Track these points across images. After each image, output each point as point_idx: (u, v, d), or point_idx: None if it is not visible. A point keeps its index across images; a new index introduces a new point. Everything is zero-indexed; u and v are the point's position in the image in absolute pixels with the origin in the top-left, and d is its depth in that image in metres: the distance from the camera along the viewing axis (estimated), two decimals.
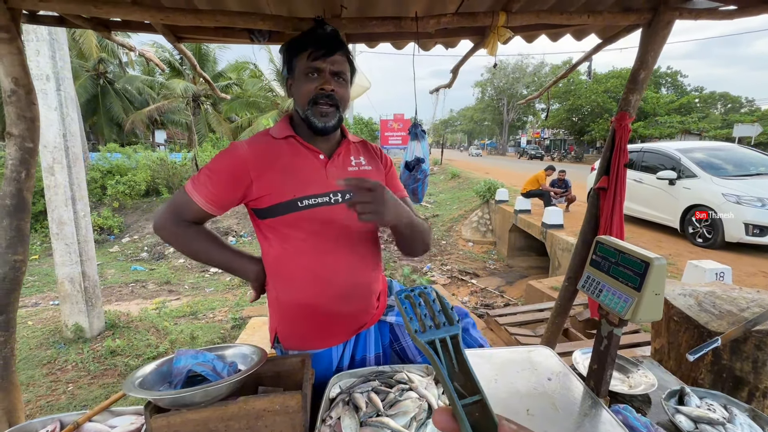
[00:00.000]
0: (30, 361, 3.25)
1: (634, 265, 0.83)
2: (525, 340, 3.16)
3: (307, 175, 1.03)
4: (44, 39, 3.15)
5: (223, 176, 1.00)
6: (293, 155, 1.04)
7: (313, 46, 0.99)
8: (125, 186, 10.35)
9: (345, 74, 1.03)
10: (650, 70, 1.61)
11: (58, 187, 3.40)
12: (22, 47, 1.33)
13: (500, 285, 7.17)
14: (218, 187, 1.00)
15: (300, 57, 1.01)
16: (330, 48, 0.99)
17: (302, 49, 1.01)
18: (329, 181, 1.04)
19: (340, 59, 1.01)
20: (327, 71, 1.00)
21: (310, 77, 1.00)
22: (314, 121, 1.01)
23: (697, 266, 3.37)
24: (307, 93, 1.00)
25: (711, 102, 31.75)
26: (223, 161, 1.01)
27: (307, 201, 1.00)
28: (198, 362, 0.90)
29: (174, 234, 1.05)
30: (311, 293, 1.05)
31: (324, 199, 1.02)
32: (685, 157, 6.26)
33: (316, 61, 0.99)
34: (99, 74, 19.01)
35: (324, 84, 0.99)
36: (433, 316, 0.42)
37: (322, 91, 0.99)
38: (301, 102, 1.02)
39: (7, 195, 1.34)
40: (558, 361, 1.08)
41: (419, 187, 1.59)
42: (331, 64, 1.00)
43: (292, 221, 1.01)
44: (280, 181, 1.00)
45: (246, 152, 1.01)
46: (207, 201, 1.00)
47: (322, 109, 1.00)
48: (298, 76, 1.02)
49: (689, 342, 1.50)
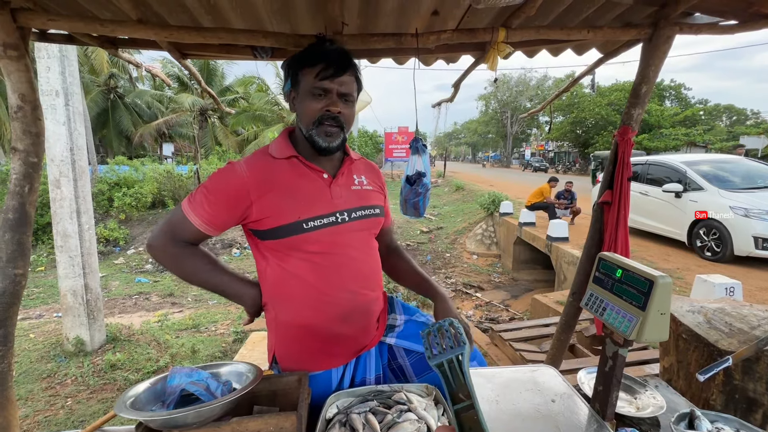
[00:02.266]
0: (30, 375, 3.23)
1: (638, 283, 0.81)
2: (530, 357, 3.10)
3: (312, 196, 1.00)
4: (55, 56, 3.23)
5: (221, 197, 0.97)
6: (296, 176, 1.01)
7: (322, 65, 0.96)
8: (132, 198, 10.46)
9: (352, 95, 1.01)
10: (652, 85, 1.61)
11: (64, 200, 3.43)
12: (30, 64, 1.36)
13: (505, 298, 7.09)
14: (215, 207, 0.97)
15: (306, 73, 0.98)
16: (339, 68, 0.96)
17: (310, 65, 0.97)
18: (334, 201, 1.02)
19: (348, 80, 0.99)
20: (335, 92, 0.97)
21: (317, 97, 0.97)
22: (318, 141, 0.99)
23: (706, 281, 3.30)
24: (313, 113, 0.97)
25: (716, 114, 31.70)
26: (220, 182, 0.98)
27: (313, 222, 0.98)
28: (192, 381, 0.88)
29: (167, 254, 1.00)
30: (311, 314, 1.02)
31: (330, 219, 1.00)
32: (691, 170, 6.22)
33: (324, 81, 0.96)
34: (110, 89, 19.48)
35: (331, 106, 0.97)
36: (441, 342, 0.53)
37: (329, 112, 0.97)
38: (305, 121, 0.99)
39: (10, 209, 1.35)
40: (562, 382, 1.05)
41: (420, 201, 1.58)
42: (339, 85, 0.97)
43: (295, 243, 0.98)
44: (282, 203, 0.97)
45: (245, 173, 0.97)
46: (203, 222, 0.97)
47: (327, 129, 0.98)
48: (304, 93, 0.99)
49: (699, 361, 1.46)
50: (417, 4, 1.39)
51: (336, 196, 1.03)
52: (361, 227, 1.07)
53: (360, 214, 1.06)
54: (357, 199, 1.07)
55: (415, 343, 1.15)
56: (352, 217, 1.04)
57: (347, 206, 1.04)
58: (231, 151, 17.84)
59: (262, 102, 19.23)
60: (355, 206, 1.06)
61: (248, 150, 18.34)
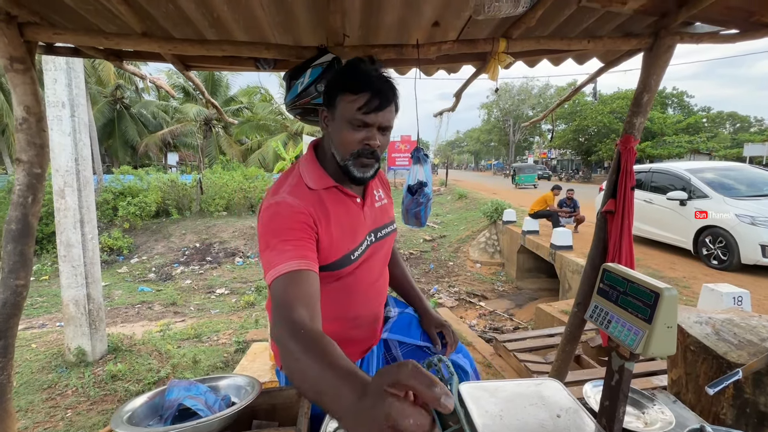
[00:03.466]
0: (31, 386, 3.21)
1: (644, 295, 0.79)
2: (535, 368, 3.05)
3: (353, 226, 1.00)
4: (62, 68, 3.28)
5: (295, 230, 0.86)
6: (337, 205, 0.98)
7: (367, 97, 0.88)
8: (136, 207, 10.53)
9: (391, 126, 0.96)
10: (653, 93, 1.61)
11: (68, 210, 3.45)
12: (35, 77, 1.38)
13: (509, 308, 7.01)
14: (298, 242, 0.84)
15: (348, 100, 0.89)
16: (384, 101, 0.90)
17: (352, 91, 0.89)
18: (366, 222, 1.04)
19: (390, 111, 0.93)
20: (376, 126, 0.91)
21: (357, 128, 0.90)
22: (354, 172, 0.94)
23: (714, 290, 3.25)
24: (351, 144, 0.92)
25: (719, 121, 31.69)
26: (283, 220, 0.87)
27: (357, 252, 1.00)
28: (190, 395, 0.87)
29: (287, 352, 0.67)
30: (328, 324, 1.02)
31: (366, 243, 1.03)
32: (695, 178, 6.18)
33: (367, 116, 0.89)
34: (116, 99, 19.77)
35: (371, 140, 0.91)
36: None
37: (368, 146, 0.92)
38: (342, 150, 0.94)
39: (13, 220, 1.35)
40: (568, 396, 1.03)
41: (422, 210, 1.58)
42: (382, 118, 0.91)
43: (341, 273, 0.98)
44: (337, 237, 0.95)
45: (302, 204, 0.90)
46: (297, 259, 0.81)
47: (364, 161, 0.94)
48: (343, 121, 0.91)
49: (708, 373, 1.42)
50: (418, 15, 1.40)
51: (367, 217, 1.05)
52: (384, 245, 1.11)
53: (384, 233, 1.10)
54: (381, 217, 1.10)
55: (407, 335, 1.20)
56: (378, 237, 1.08)
57: (375, 226, 1.07)
58: (235, 161, 17.98)
59: (265, 111, 19.44)
60: (380, 225, 1.10)
61: (252, 159, 18.48)
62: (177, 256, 9.46)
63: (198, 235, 10.27)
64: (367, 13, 1.39)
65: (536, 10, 1.29)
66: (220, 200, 11.68)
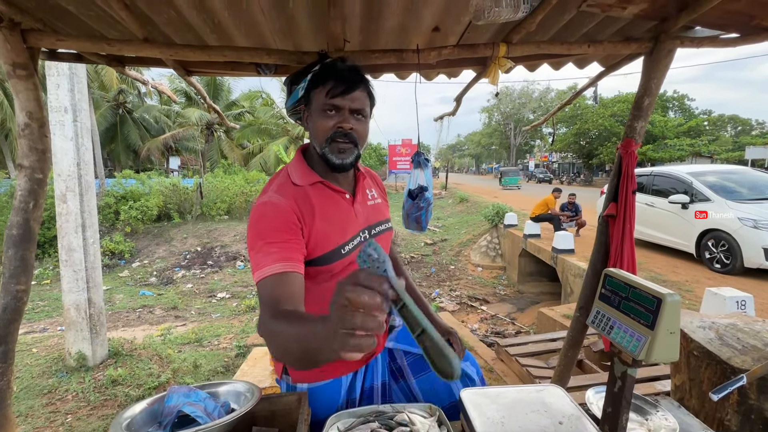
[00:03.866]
0: (31, 391, 3.20)
1: (646, 300, 0.78)
2: (537, 372, 3.03)
3: (343, 220, 1.02)
4: (64, 74, 3.31)
5: (281, 231, 0.89)
6: (325, 200, 1.01)
7: (333, 83, 0.95)
8: (137, 211, 10.55)
9: (365, 111, 1.00)
10: (654, 97, 1.61)
11: (70, 215, 3.47)
12: (38, 83, 1.39)
13: (511, 312, 6.99)
14: (281, 243, 0.88)
15: (318, 91, 0.97)
16: (350, 84, 0.96)
17: (321, 83, 0.97)
18: (358, 219, 1.05)
19: (360, 96, 0.98)
20: (346, 109, 0.96)
21: (328, 114, 0.96)
22: (331, 158, 0.98)
23: (717, 294, 3.23)
24: (325, 130, 0.97)
25: (720, 124, 31.64)
26: (268, 221, 0.91)
27: (348, 246, 1.00)
28: (189, 401, 0.86)
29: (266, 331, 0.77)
30: None
31: (358, 239, 1.03)
32: (697, 181, 6.17)
33: (335, 99, 0.95)
34: (118, 104, 19.89)
35: (343, 122, 0.96)
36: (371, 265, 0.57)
37: (341, 129, 0.96)
38: (318, 138, 0.99)
39: (14, 225, 1.35)
40: (570, 402, 1.02)
41: (422, 215, 1.57)
42: (351, 101, 0.96)
43: (333, 268, 0.99)
44: (324, 231, 0.96)
45: (285, 202, 0.93)
46: (282, 261, 0.85)
47: (340, 146, 0.97)
48: (316, 111, 0.98)
49: (712, 379, 1.41)
50: (418, 21, 1.41)
51: (359, 214, 1.06)
52: (380, 241, 1.10)
53: (378, 230, 1.11)
54: (374, 215, 1.11)
55: (413, 344, 1.18)
56: (372, 234, 1.08)
57: (368, 223, 1.08)
58: (236, 165, 18.03)
59: (267, 116, 19.52)
60: (374, 222, 1.10)
61: (253, 163, 18.54)
62: (178, 260, 9.47)
63: (199, 239, 10.29)
64: (367, 18, 1.40)
65: (536, 14, 1.30)
66: (221, 204, 11.70)
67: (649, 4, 1.33)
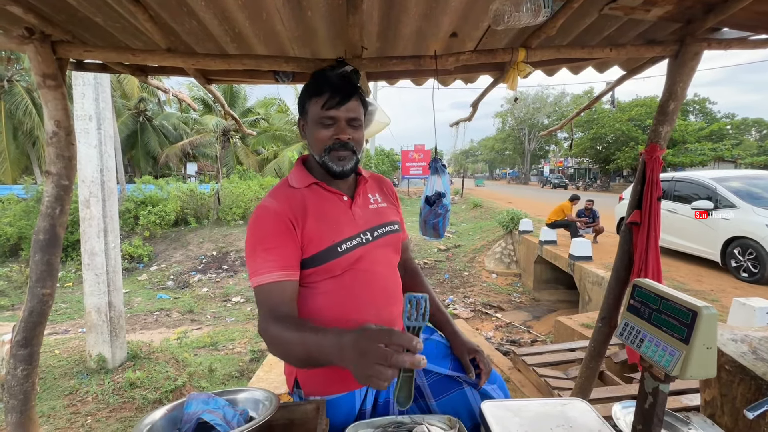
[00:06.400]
0: (53, 392, 3.28)
1: (679, 313, 0.75)
2: (556, 383, 2.95)
3: (339, 219, 1.03)
4: (90, 83, 3.43)
5: (273, 235, 0.95)
6: (320, 201, 1.03)
7: (328, 95, 0.98)
8: (156, 216, 10.80)
9: (360, 119, 1.03)
10: (680, 101, 1.56)
11: (93, 219, 3.56)
12: (66, 93, 1.43)
13: (526, 320, 6.85)
14: (277, 250, 0.94)
15: (313, 102, 1.00)
16: (344, 96, 0.99)
17: (316, 94, 1.00)
18: (357, 221, 1.05)
19: (354, 105, 1.01)
20: (342, 119, 0.99)
21: (325, 125, 0.99)
22: (332, 167, 1.01)
23: (745, 304, 3.10)
24: (323, 141, 1.00)
25: (744, 128, 30.65)
26: (263, 225, 0.96)
27: (345, 245, 1.00)
28: (208, 409, 0.86)
29: (269, 335, 0.88)
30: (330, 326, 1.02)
31: (358, 240, 1.03)
32: (721, 186, 5.96)
33: (330, 110, 0.98)
34: (139, 112, 20.49)
35: (340, 133, 0.99)
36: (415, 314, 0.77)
37: (338, 140, 0.99)
38: (316, 149, 1.02)
39: (41, 230, 1.39)
40: (596, 418, 0.98)
41: (440, 222, 1.56)
42: (346, 111, 0.99)
43: (330, 267, 0.99)
44: (317, 228, 0.99)
45: (278, 206, 0.98)
46: (279, 270, 0.92)
47: (339, 154, 1.01)
48: (313, 123, 1.01)
49: (745, 395, 1.34)
50: (436, 27, 1.40)
51: (358, 217, 1.06)
52: (384, 244, 1.09)
53: (382, 232, 1.09)
54: (376, 218, 1.10)
55: (433, 363, 1.14)
56: (375, 235, 1.06)
57: (369, 226, 1.07)
58: (252, 170, 18.31)
59: (282, 122, 19.83)
60: (376, 225, 1.09)
61: (268, 169, 18.80)
62: (194, 264, 9.63)
63: (215, 244, 10.45)
64: (384, 25, 1.40)
65: (557, 19, 1.28)
66: (237, 209, 11.88)
67: (674, 5, 1.29)
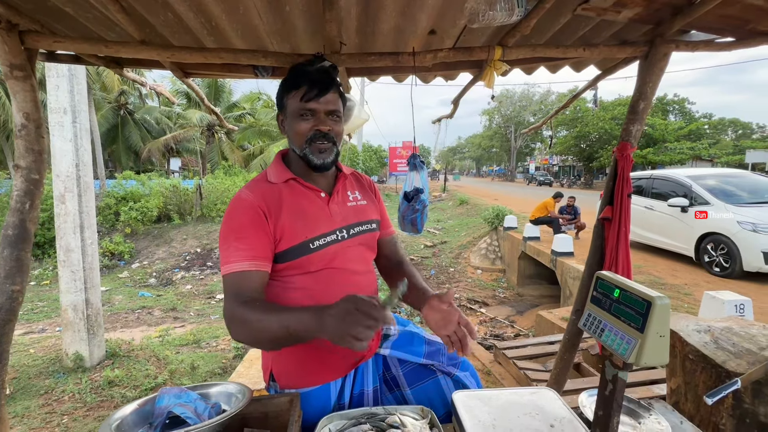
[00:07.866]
0: (28, 392, 3.20)
1: (636, 303, 0.78)
2: (534, 376, 3.02)
3: (314, 216, 1.03)
4: (64, 75, 3.32)
5: (246, 225, 0.95)
6: (296, 197, 1.03)
7: (306, 87, 0.99)
8: (137, 212, 10.56)
9: (339, 111, 1.04)
10: (650, 101, 1.61)
11: (68, 215, 3.47)
12: (35, 84, 1.39)
13: (510, 314, 6.97)
14: (249, 240, 0.94)
15: (292, 96, 1.01)
16: (322, 88, 0.99)
17: (294, 87, 1.00)
18: (333, 218, 1.06)
19: (332, 98, 1.01)
20: (321, 111, 1.00)
21: (305, 118, 1.00)
22: (313, 159, 1.01)
23: (715, 297, 3.23)
24: (303, 133, 1.00)
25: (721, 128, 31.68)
26: (237, 214, 0.97)
27: (318, 242, 1.01)
28: (180, 402, 0.86)
29: (235, 318, 0.87)
30: None
31: (332, 237, 1.03)
32: (697, 184, 6.17)
33: (309, 102, 0.99)
34: (120, 105, 19.93)
35: (320, 125, 1.00)
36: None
37: (319, 131, 1.00)
38: (297, 141, 1.02)
39: (10, 225, 1.36)
40: (562, 405, 1.02)
41: (418, 217, 1.58)
42: (325, 104, 1.00)
43: (302, 263, 1.00)
44: (290, 224, 0.99)
45: (254, 198, 0.98)
46: (248, 259, 0.92)
47: (319, 146, 1.01)
48: (292, 116, 1.02)
49: (707, 383, 1.41)
50: (413, 24, 1.41)
51: (335, 213, 1.06)
52: (359, 242, 1.10)
53: (358, 230, 1.10)
54: (354, 216, 1.10)
55: (408, 353, 1.16)
56: (350, 233, 1.07)
57: (345, 223, 1.07)
58: (237, 166, 18.05)
59: (268, 118, 19.58)
60: (353, 222, 1.09)
61: (254, 164, 18.57)
62: (178, 261, 9.47)
63: (199, 240, 10.29)
64: (363, 21, 1.40)
65: (531, 18, 1.30)
66: (221, 205, 11.71)
67: (644, 8, 1.33)
